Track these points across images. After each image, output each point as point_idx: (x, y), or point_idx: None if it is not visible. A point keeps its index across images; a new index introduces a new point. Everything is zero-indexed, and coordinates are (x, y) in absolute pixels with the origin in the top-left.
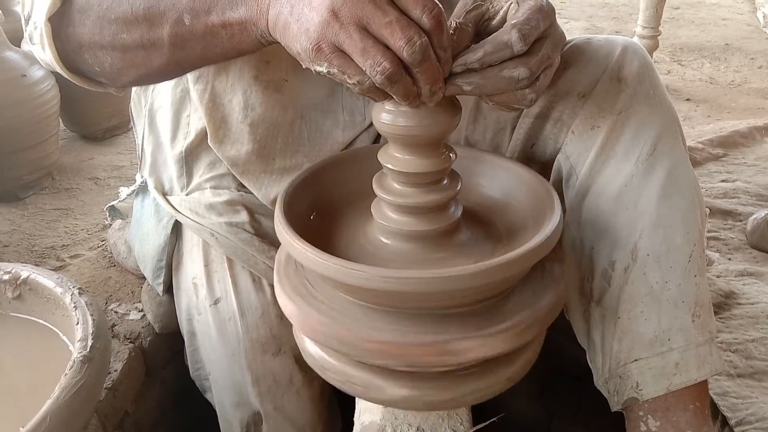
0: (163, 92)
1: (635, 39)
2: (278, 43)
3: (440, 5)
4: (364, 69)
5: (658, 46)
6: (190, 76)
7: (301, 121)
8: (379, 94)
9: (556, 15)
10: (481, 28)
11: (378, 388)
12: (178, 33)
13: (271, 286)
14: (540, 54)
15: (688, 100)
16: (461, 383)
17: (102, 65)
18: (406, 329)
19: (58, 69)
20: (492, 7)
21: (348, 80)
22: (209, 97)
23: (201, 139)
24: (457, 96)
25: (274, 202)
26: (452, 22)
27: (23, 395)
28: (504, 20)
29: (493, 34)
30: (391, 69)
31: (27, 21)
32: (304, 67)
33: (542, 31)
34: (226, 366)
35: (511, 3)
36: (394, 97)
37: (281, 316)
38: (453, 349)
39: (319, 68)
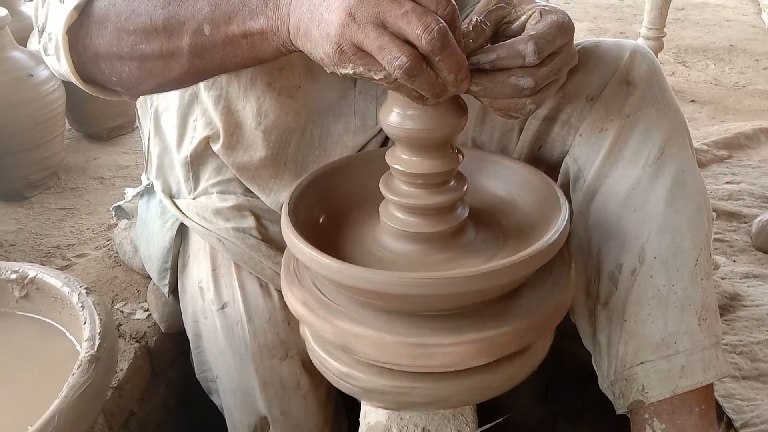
0: (169, 95)
1: (640, 40)
2: (299, 51)
3: (453, 2)
4: (384, 65)
5: (662, 48)
6: (202, 83)
7: (313, 126)
8: (406, 90)
9: None
10: (500, 30)
11: (391, 390)
12: (198, 43)
13: (278, 292)
14: (548, 67)
15: (692, 101)
16: (469, 381)
17: (119, 75)
18: (411, 331)
19: (74, 80)
20: (515, 11)
21: (375, 77)
22: (224, 103)
23: (206, 144)
24: (464, 98)
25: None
26: (473, 18)
27: (31, 394)
28: (523, 27)
29: (510, 41)
30: (409, 62)
31: (41, 32)
32: (329, 72)
33: (557, 47)
34: (234, 370)
35: (534, 12)
36: (421, 92)
37: (288, 321)
38: (456, 350)
39: (344, 70)
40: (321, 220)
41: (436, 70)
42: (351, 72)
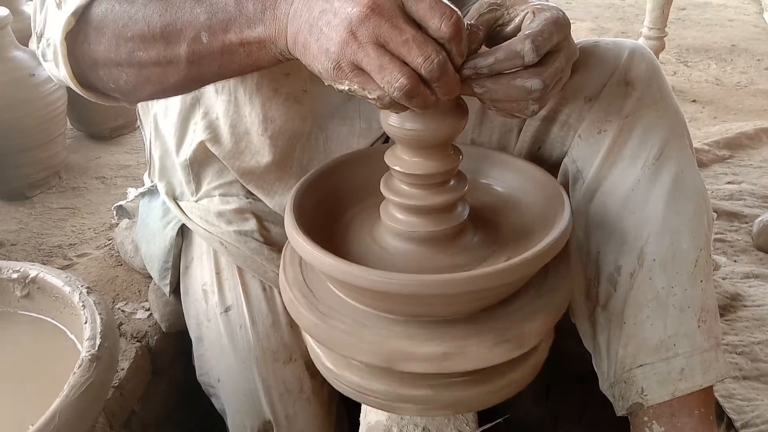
0: (170, 98)
1: (641, 40)
2: (297, 59)
3: (458, 11)
4: (382, 86)
5: (664, 47)
6: (211, 87)
7: (318, 130)
8: (399, 107)
9: None
10: (494, 32)
11: (395, 396)
12: (195, 51)
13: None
14: (554, 67)
15: (694, 101)
16: (472, 387)
17: (117, 82)
18: (414, 335)
19: (72, 86)
20: (507, 13)
21: (369, 96)
22: (234, 108)
23: (205, 147)
24: (463, 98)
25: None
26: (465, 23)
27: (31, 393)
28: (518, 28)
29: (506, 42)
30: (409, 85)
31: (39, 38)
32: (326, 84)
33: (555, 43)
34: (237, 374)
35: (527, 12)
36: (411, 108)
37: (292, 324)
38: (460, 355)
39: (340, 86)
40: (323, 218)
41: (431, 91)
42: (346, 89)
